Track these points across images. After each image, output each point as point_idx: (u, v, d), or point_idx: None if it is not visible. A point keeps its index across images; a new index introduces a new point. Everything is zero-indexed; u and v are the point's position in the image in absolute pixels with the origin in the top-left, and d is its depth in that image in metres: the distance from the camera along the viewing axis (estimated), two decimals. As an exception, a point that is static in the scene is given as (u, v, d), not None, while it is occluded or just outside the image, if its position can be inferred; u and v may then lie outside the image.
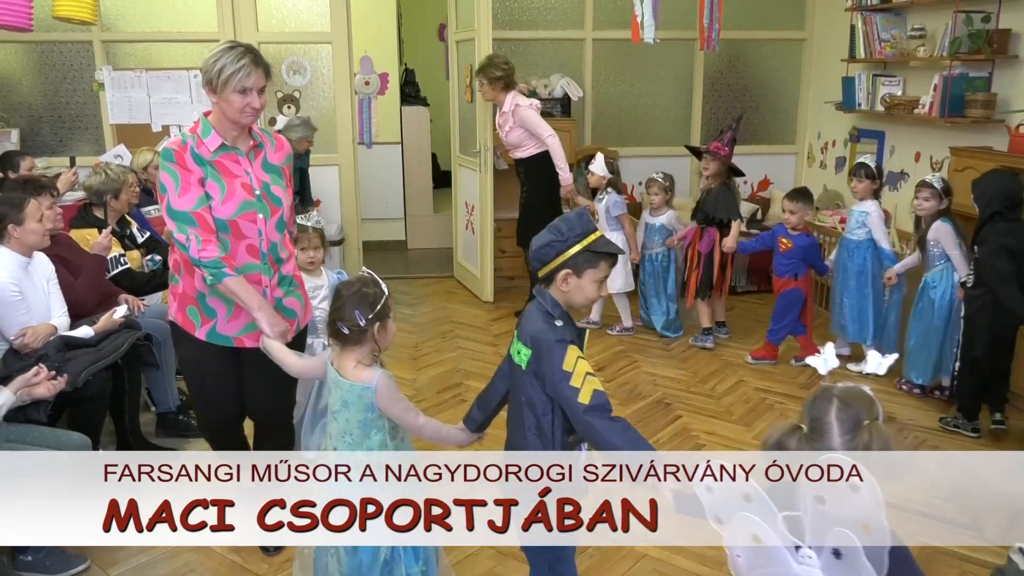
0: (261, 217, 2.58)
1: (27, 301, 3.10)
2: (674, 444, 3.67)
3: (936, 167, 5.00)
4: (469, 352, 4.89)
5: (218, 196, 2.52)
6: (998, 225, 3.53)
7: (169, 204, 2.48)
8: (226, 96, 2.47)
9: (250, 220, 2.56)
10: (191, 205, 2.47)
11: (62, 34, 5.71)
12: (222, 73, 2.46)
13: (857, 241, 4.39)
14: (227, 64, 2.47)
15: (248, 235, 2.57)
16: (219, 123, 2.55)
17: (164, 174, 2.50)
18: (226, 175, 2.55)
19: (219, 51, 2.52)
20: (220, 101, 2.50)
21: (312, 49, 6.08)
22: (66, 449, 2.73)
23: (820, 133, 6.45)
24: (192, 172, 2.50)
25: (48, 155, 5.76)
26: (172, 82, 5.91)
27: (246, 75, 2.46)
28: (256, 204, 2.57)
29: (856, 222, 4.41)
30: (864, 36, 5.37)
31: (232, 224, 2.53)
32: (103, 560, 2.79)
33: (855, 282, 4.41)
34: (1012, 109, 4.35)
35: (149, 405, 3.79)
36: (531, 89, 6.06)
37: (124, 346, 3.22)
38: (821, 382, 1.57)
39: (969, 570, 2.73)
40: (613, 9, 6.27)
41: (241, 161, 2.60)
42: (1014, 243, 3.47)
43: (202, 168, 2.52)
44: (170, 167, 2.49)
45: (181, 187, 2.48)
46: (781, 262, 4.54)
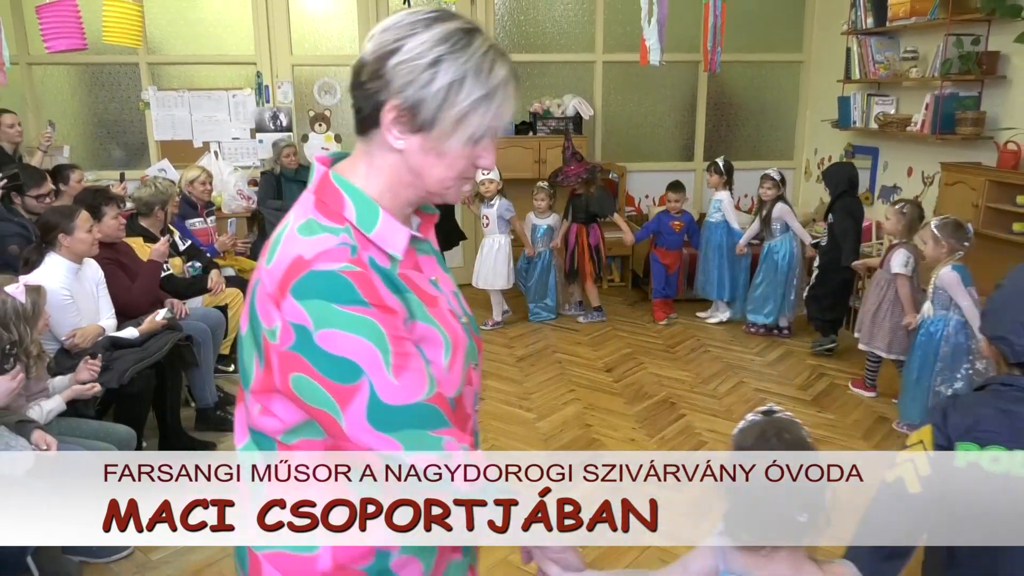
0: (474, 366, 1.31)
1: (77, 304, 3.14)
2: (678, 440, 3.65)
3: (928, 182, 4.97)
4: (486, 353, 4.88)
5: (440, 350, 1.18)
6: (845, 200, 4.56)
7: (375, 399, 1.05)
8: (447, 144, 1.11)
9: (469, 379, 1.29)
10: (424, 387, 1.10)
11: (111, 56, 5.78)
12: (469, 94, 1.09)
13: (715, 223, 5.28)
14: (478, 77, 1.09)
15: (468, 408, 1.33)
16: (393, 190, 1.16)
17: (341, 336, 1.04)
18: (427, 302, 1.19)
19: (441, 35, 1.09)
20: (428, 148, 1.12)
21: (342, 71, 6.13)
22: (112, 441, 2.75)
23: (817, 149, 6.42)
24: (396, 312, 1.11)
25: (97, 169, 5.83)
26: (212, 101, 5.98)
27: (506, 107, 1.13)
28: (471, 343, 1.29)
29: (713, 208, 5.30)
30: (859, 58, 5.35)
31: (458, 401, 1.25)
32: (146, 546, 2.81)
33: (714, 253, 5.29)
34: (1000, 127, 4.31)
35: (189, 401, 3.82)
36: (545, 108, 6.08)
37: (167, 346, 3.25)
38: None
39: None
40: (621, 34, 6.28)
41: (423, 262, 1.24)
42: (856, 212, 4.57)
43: (399, 297, 1.13)
44: (353, 314, 1.05)
45: (394, 354, 1.07)
46: (673, 239, 5.33)
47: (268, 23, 5.95)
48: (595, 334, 5.24)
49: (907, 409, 3.70)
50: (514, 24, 6.25)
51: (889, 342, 3.90)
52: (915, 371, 3.63)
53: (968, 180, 4.22)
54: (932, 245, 3.54)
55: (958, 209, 4.28)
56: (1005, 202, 4.04)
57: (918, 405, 3.61)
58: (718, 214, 5.28)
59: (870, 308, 4.00)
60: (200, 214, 4.87)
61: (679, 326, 5.38)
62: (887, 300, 3.92)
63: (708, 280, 5.37)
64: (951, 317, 3.51)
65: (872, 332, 3.99)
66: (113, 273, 3.40)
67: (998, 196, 4.07)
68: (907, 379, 3.71)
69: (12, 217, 3.71)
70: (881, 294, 3.95)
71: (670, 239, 5.34)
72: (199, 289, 4.05)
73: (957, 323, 3.50)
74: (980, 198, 4.10)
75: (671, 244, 5.35)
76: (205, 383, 3.75)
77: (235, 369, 4.52)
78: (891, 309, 3.89)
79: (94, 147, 6.06)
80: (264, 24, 5.94)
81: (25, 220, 3.81)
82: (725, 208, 5.24)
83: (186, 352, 3.48)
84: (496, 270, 5.23)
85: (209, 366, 3.77)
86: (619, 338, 5.16)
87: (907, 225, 3.89)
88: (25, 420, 2.50)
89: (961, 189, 4.26)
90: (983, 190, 4.08)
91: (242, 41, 6.00)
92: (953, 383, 3.49)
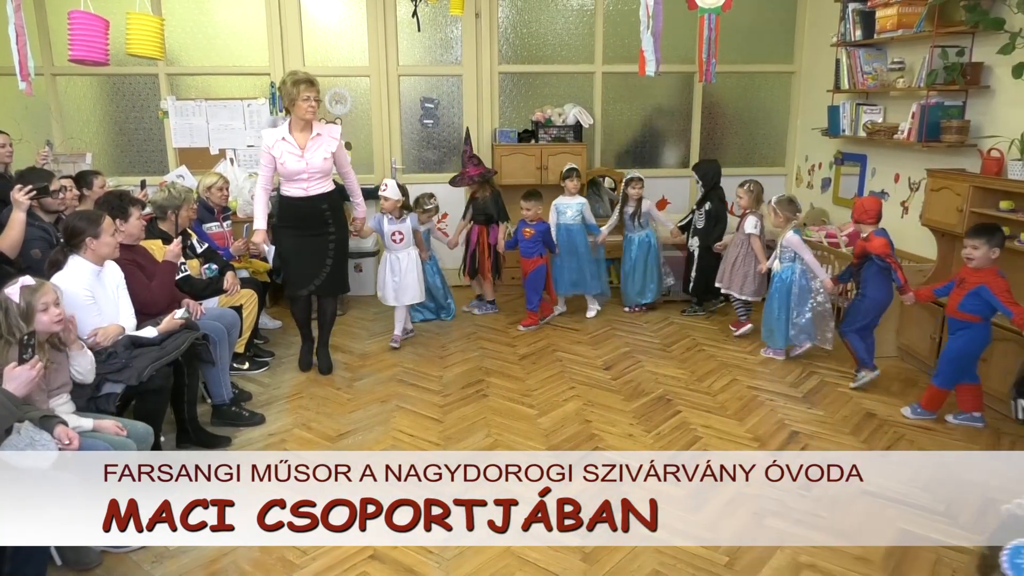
0: None
1: (99, 305, 3.14)
2: (674, 436, 3.64)
3: (914, 187, 4.95)
4: (491, 352, 4.88)
5: None
6: (718, 191, 5.36)
7: None
8: None
9: None
10: None
11: (132, 67, 5.80)
12: None
13: (575, 225, 5.38)
14: None
15: None
16: None
17: None
18: None
19: None
20: None
21: (353, 81, 6.13)
22: (131, 437, 2.75)
23: (807, 156, 6.40)
24: None
25: (118, 175, 5.84)
26: (228, 110, 5.98)
27: None
28: None
29: (575, 211, 5.37)
30: (848, 69, 5.34)
31: None
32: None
33: (574, 253, 5.36)
34: (984, 135, 4.30)
35: (206, 398, 3.81)
36: (547, 117, 6.07)
37: (184, 345, 3.25)
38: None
39: (945, 554, 2.69)
40: (620, 46, 6.28)
41: None
42: (724, 201, 5.38)
43: None
44: None
45: None
46: (528, 247, 5.25)
47: (282, 35, 5.95)
48: (595, 333, 5.23)
49: (772, 339, 4.69)
50: (517, 37, 6.24)
51: (742, 285, 5.02)
52: (776, 310, 4.61)
53: (953, 186, 4.21)
54: (773, 217, 4.62)
55: (944, 213, 4.27)
56: (988, 207, 4.03)
57: (780, 335, 4.62)
58: (578, 216, 5.36)
59: (730, 262, 5.07)
60: (217, 218, 4.88)
61: (674, 326, 5.37)
62: (741, 255, 5.01)
63: (570, 277, 5.40)
64: (796, 267, 4.52)
65: (731, 279, 5.07)
66: (132, 274, 3.40)
67: (982, 201, 4.06)
68: (769, 316, 4.68)
69: (33, 222, 3.71)
70: (737, 251, 5.03)
71: (524, 247, 5.27)
72: (215, 290, 4.05)
73: (801, 271, 4.52)
74: (965, 203, 4.08)
75: (526, 252, 5.27)
76: (221, 380, 3.75)
77: (249, 367, 4.53)
78: (744, 260, 5.00)
79: (115, 154, 6.07)
80: (278, 36, 5.95)
81: (46, 224, 3.82)
82: (584, 211, 5.36)
83: (202, 350, 3.47)
84: (410, 284, 4.85)
85: (225, 364, 3.77)
86: (618, 337, 5.15)
87: (754, 199, 4.99)
88: (49, 415, 2.50)
89: (946, 195, 4.25)
90: (967, 195, 4.07)
91: (257, 53, 6.01)
92: (804, 314, 4.53)
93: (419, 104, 6.26)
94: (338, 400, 4.12)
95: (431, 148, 6.37)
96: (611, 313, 5.63)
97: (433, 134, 6.33)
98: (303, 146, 4.07)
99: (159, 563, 2.65)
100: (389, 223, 4.83)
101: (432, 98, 6.26)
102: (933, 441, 3.58)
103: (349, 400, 4.12)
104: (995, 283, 3.47)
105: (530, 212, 5.20)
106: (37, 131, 5.81)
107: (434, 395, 4.18)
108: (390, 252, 4.89)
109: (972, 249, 3.51)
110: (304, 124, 4.08)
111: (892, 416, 3.85)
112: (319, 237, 4.22)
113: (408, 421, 3.83)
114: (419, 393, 4.20)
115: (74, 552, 2.60)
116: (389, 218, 4.83)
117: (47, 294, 2.64)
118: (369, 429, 3.74)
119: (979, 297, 3.50)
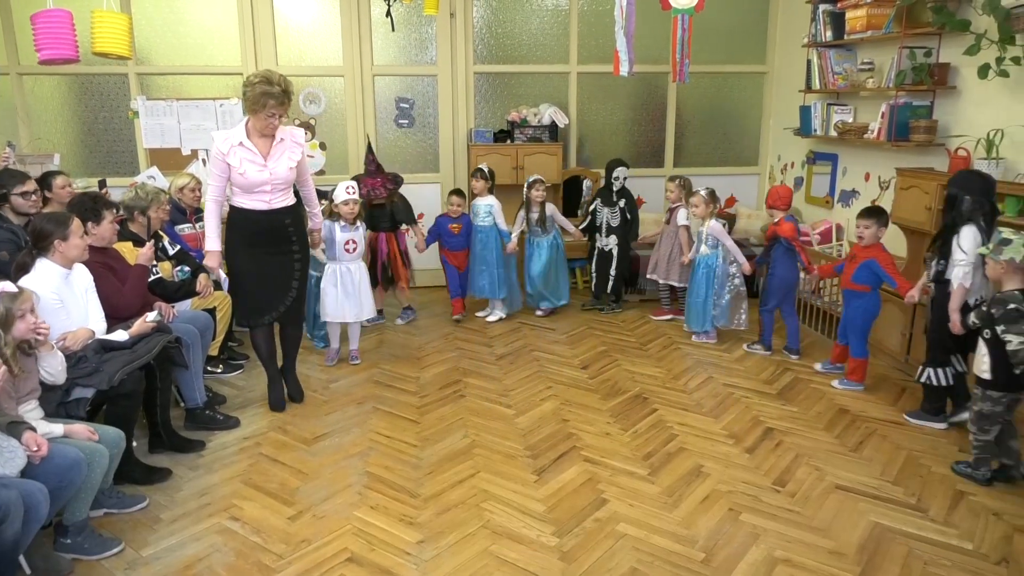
0: None
1: (67, 308, 3.08)
2: (651, 434, 3.66)
3: (884, 186, 5.03)
4: (468, 352, 4.87)
5: None
6: (626, 191, 5.45)
7: None
8: None
9: None
10: None
11: (101, 67, 5.70)
12: None
13: (487, 227, 5.33)
14: None
15: None
16: None
17: None
18: None
19: None
20: None
21: (327, 81, 6.09)
22: (102, 442, 2.70)
23: (780, 156, 6.47)
24: None
25: (87, 176, 5.74)
26: (200, 110, 5.91)
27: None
28: None
29: (484, 212, 5.32)
30: (819, 69, 5.41)
31: None
32: (136, 542, 2.76)
33: (484, 256, 5.35)
34: (951, 134, 4.37)
35: (179, 401, 3.76)
36: (522, 117, 6.07)
37: (156, 348, 3.20)
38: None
39: (916, 547, 2.73)
40: (595, 46, 6.30)
41: None
42: (633, 197, 5.54)
43: None
44: None
45: None
46: (455, 241, 5.36)
47: (254, 35, 5.89)
48: (571, 333, 5.24)
49: (695, 321, 5.03)
50: (492, 37, 6.24)
51: (667, 272, 5.35)
52: (701, 294, 4.94)
53: (922, 184, 4.27)
54: (702, 207, 4.88)
55: (913, 211, 4.34)
56: (956, 205, 4.09)
57: (702, 318, 4.96)
58: (489, 218, 5.32)
59: (665, 253, 5.34)
60: (189, 220, 4.81)
61: (651, 324, 5.40)
62: (677, 245, 5.26)
63: (480, 282, 5.39)
64: (718, 253, 4.86)
65: (668, 269, 5.34)
66: (104, 277, 3.34)
67: (949, 199, 4.13)
68: (694, 300, 5.00)
69: (2, 224, 3.63)
70: (672, 242, 5.30)
71: (452, 241, 5.35)
72: (188, 292, 3.99)
73: (723, 257, 4.85)
74: (933, 201, 4.14)
75: (454, 246, 5.36)
76: (194, 384, 3.70)
77: (223, 370, 4.47)
78: (671, 250, 5.30)
79: (84, 155, 5.96)
80: (250, 35, 5.89)
81: (14, 226, 3.74)
82: (495, 212, 5.31)
83: (175, 354, 3.42)
84: (365, 298, 4.55)
85: (198, 367, 3.71)
86: (594, 337, 5.17)
87: (686, 192, 5.20)
88: (16, 421, 2.45)
89: (915, 193, 4.32)
90: (935, 193, 4.13)
91: (229, 52, 5.94)
92: (723, 296, 4.89)
93: (394, 104, 6.23)
94: (314, 402, 4.08)
95: (406, 148, 6.34)
96: (584, 314, 5.64)
97: (408, 134, 6.31)
98: (266, 153, 3.59)
99: (132, 569, 2.61)
100: (342, 231, 4.44)
101: (407, 98, 6.23)
102: (905, 436, 3.63)
103: (325, 402, 4.08)
104: (882, 257, 4.03)
105: (455, 208, 5.29)
106: (2, 132, 5.69)
107: (411, 396, 4.16)
108: (338, 263, 4.47)
109: (864, 228, 4.07)
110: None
111: (865, 411, 3.91)
112: (283, 255, 3.73)
113: (385, 422, 3.81)
114: (396, 394, 4.18)
115: (44, 561, 2.55)
116: (342, 225, 4.44)
117: (26, 301, 2.59)
118: (346, 431, 3.72)
119: (868, 269, 4.05)
